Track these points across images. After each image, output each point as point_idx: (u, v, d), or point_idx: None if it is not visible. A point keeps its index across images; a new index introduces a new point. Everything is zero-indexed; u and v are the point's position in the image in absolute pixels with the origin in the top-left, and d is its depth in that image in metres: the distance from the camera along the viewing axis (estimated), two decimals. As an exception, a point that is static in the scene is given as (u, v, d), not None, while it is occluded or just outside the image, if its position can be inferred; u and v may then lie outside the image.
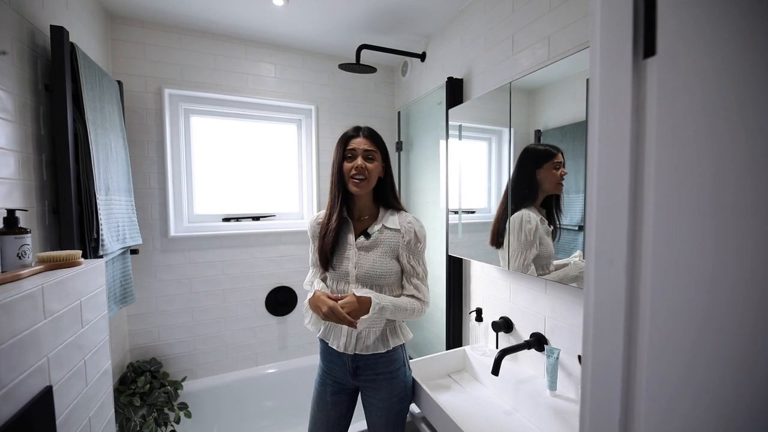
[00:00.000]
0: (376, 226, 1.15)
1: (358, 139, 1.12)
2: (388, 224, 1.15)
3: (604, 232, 0.46)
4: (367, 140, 1.12)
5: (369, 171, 1.10)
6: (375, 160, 1.12)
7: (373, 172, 1.11)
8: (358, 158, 1.10)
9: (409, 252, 1.15)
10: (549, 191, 1.26)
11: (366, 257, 1.13)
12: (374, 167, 1.11)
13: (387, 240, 1.14)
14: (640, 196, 0.42)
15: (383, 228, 1.15)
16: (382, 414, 1.16)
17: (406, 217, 1.17)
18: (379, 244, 1.13)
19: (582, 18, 1.13)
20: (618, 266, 0.44)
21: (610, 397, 0.45)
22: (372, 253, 1.13)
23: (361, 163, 1.09)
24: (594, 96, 0.47)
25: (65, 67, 1.22)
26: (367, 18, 1.88)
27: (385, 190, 1.18)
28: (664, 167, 0.39)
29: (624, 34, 0.43)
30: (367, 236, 1.14)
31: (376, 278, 1.11)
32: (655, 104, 0.41)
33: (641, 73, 0.42)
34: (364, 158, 1.10)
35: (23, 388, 0.75)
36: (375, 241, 1.13)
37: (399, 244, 1.14)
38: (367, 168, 1.10)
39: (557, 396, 1.21)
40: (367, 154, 1.11)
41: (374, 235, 1.14)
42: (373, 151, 1.11)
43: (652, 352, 0.41)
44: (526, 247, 1.30)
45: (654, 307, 0.41)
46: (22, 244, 0.92)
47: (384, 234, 1.14)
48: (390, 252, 1.13)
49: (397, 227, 1.15)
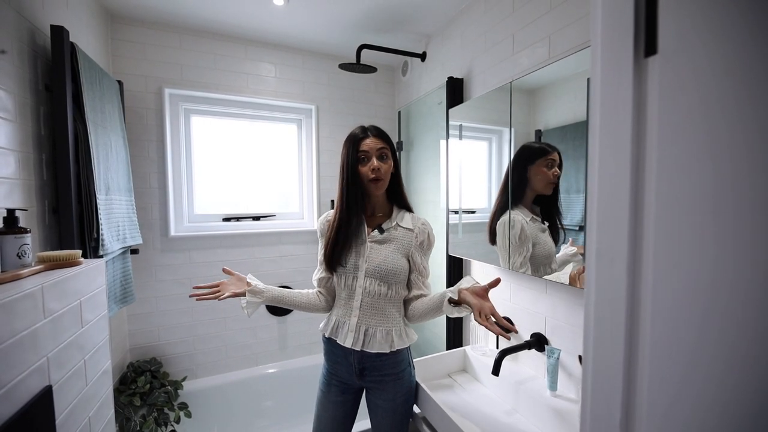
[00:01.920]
0: (391, 222, 1.17)
1: (368, 140, 1.10)
2: (403, 223, 1.17)
3: (605, 232, 0.46)
4: (377, 139, 1.11)
5: (384, 170, 1.10)
6: (388, 158, 1.12)
7: (388, 171, 1.12)
8: (373, 159, 1.09)
9: (421, 253, 1.17)
10: (539, 190, 1.25)
11: (378, 251, 1.13)
12: (388, 166, 1.12)
13: (400, 237, 1.15)
14: (641, 195, 0.42)
15: (397, 225, 1.16)
16: (387, 415, 1.16)
17: (420, 219, 1.20)
18: (392, 240, 1.15)
19: (583, 17, 1.13)
20: (619, 265, 0.44)
21: (611, 397, 0.45)
22: (384, 248, 1.14)
23: (378, 165, 1.09)
24: (595, 95, 0.47)
25: (65, 67, 1.22)
26: (367, 17, 1.88)
27: (397, 187, 1.19)
28: (666, 166, 0.39)
29: (625, 32, 0.43)
30: (381, 231, 1.15)
31: (385, 273, 1.11)
32: (657, 103, 0.40)
33: (642, 71, 0.42)
34: (378, 158, 1.10)
35: (23, 387, 0.75)
36: (388, 236, 1.15)
37: (412, 243, 1.15)
38: (383, 167, 1.10)
39: (558, 396, 1.21)
40: (380, 153, 1.10)
41: (388, 230, 1.15)
42: (384, 148, 1.11)
43: (653, 352, 0.41)
44: (515, 249, 1.31)
45: (655, 306, 0.40)
46: (22, 244, 0.92)
47: (398, 231, 1.16)
48: (402, 249, 1.14)
49: (411, 227, 1.16)
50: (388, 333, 1.12)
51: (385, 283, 1.12)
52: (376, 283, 1.11)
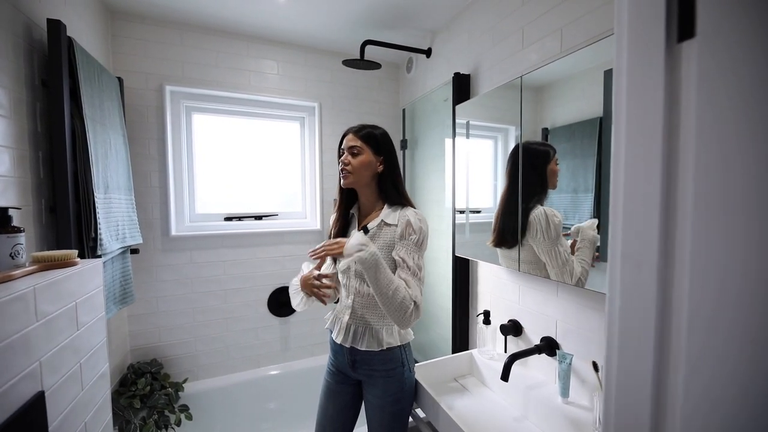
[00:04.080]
0: (376, 221, 1.13)
1: (348, 136, 1.15)
2: (388, 220, 1.12)
3: (631, 233, 0.43)
4: (353, 135, 1.14)
5: (353, 165, 1.11)
6: (360, 154, 1.12)
7: (358, 166, 1.11)
8: (345, 154, 1.14)
9: (401, 245, 1.07)
10: (552, 187, 1.25)
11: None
12: (359, 162, 1.11)
13: (384, 236, 1.11)
14: (673, 194, 0.39)
15: (382, 224, 1.12)
16: (376, 411, 1.16)
17: (405, 211, 1.12)
18: (377, 239, 1.11)
19: (598, 8, 1.09)
20: (648, 270, 0.41)
21: (637, 412, 0.42)
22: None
23: (345, 158, 1.13)
24: (620, 85, 0.43)
25: (62, 62, 1.19)
26: (370, 13, 1.84)
27: (386, 186, 1.15)
28: (705, 162, 0.35)
29: (656, 15, 0.39)
30: (366, 231, 1.13)
31: None
32: (694, 93, 0.37)
33: (675, 58, 0.38)
34: (350, 153, 1.13)
35: (13, 394, 0.71)
36: (373, 236, 1.12)
37: (394, 238, 1.10)
38: (351, 162, 1.11)
39: (569, 403, 1.16)
40: (351, 149, 1.13)
41: (373, 230, 1.12)
42: (357, 146, 1.12)
43: (689, 363, 0.37)
44: (553, 243, 1.22)
45: (692, 315, 0.37)
46: (15, 244, 0.88)
47: (383, 230, 1.12)
48: (387, 248, 1.10)
49: (395, 222, 1.11)
50: (378, 332, 1.13)
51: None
52: (365, 284, 1.12)
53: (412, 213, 1.11)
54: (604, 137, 1.04)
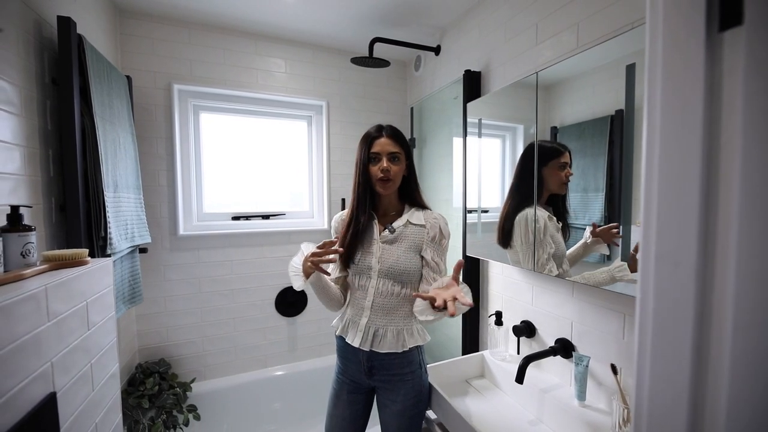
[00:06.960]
0: (401, 221, 1.15)
1: (382, 140, 1.10)
2: (413, 220, 1.14)
3: (667, 231, 0.41)
4: (390, 140, 1.10)
5: (394, 173, 1.10)
6: (400, 161, 1.11)
7: (398, 173, 1.11)
8: (384, 160, 1.09)
9: (433, 248, 1.13)
10: (553, 190, 1.24)
11: (390, 251, 1.12)
12: (399, 168, 1.11)
13: (411, 235, 1.13)
14: (714, 191, 0.37)
15: (408, 223, 1.14)
16: (395, 416, 1.14)
17: (432, 214, 1.17)
18: (403, 238, 1.13)
19: (618, 0, 1.06)
20: (686, 270, 0.39)
21: (674, 425, 0.40)
22: (396, 248, 1.12)
23: (387, 166, 1.09)
24: (654, 79, 0.41)
25: (72, 59, 1.18)
26: (379, 10, 1.82)
27: (409, 187, 1.18)
28: (753, 158, 0.33)
29: (695, 2, 0.37)
30: (392, 230, 1.13)
31: (399, 273, 1.10)
32: (741, 86, 0.34)
33: (717, 48, 0.36)
34: (389, 160, 1.10)
35: (25, 395, 0.70)
36: (399, 235, 1.13)
37: (423, 239, 1.13)
38: (392, 170, 1.09)
39: (586, 407, 1.14)
40: (392, 156, 1.10)
41: (399, 229, 1.13)
42: (397, 152, 1.10)
43: (734, 369, 0.35)
44: (538, 246, 1.26)
45: (737, 317, 0.35)
46: (26, 243, 0.87)
47: (408, 229, 1.14)
48: (414, 247, 1.12)
49: (422, 223, 1.14)
50: (400, 332, 1.12)
51: (398, 282, 1.11)
52: (390, 283, 1.11)
53: (440, 218, 1.16)
54: (614, 135, 1.01)
